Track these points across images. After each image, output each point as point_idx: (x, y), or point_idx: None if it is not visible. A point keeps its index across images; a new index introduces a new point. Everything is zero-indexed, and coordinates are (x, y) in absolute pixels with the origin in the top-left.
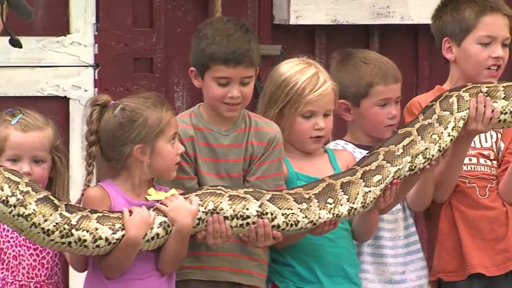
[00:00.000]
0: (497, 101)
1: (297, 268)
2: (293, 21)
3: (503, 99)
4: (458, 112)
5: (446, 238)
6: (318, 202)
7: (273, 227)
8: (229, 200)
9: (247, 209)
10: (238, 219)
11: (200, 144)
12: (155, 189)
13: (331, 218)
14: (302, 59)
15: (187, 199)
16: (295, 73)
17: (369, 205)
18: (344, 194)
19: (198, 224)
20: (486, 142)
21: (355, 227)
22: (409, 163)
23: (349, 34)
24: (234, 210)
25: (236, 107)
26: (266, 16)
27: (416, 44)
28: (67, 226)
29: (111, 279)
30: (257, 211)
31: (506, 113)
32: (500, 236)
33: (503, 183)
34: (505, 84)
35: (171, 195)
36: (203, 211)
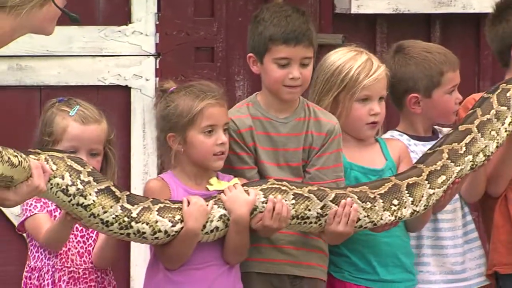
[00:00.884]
0: None
1: (353, 258)
2: (354, 10)
3: None
4: None
5: (501, 231)
6: (383, 202)
7: None
8: (293, 198)
9: (309, 210)
10: (298, 219)
11: (258, 133)
12: (217, 178)
13: (393, 220)
14: (351, 47)
15: (246, 190)
16: (348, 60)
17: (430, 207)
18: (409, 196)
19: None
20: None
21: (408, 219)
22: (470, 162)
23: (410, 23)
24: (296, 210)
25: (296, 89)
26: (327, 5)
27: (478, 33)
28: (127, 218)
29: (171, 270)
30: (318, 213)
31: None
32: None
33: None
34: None
35: (233, 184)
36: (262, 201)
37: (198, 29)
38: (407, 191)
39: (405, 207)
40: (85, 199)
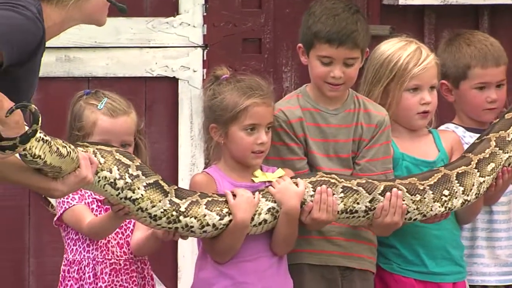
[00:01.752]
0: None
1: (402, 250)
2: (402, 2)
3: None
4: None
5: None
6: (433, 193)
7: None
8: (342, 192)
9: (358, 203)
10: (347, 213)
11: (308, 124)
12: (262, 170)
13: (443, 211)
14: (401, 37)
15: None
16: (397, 50)
17: (481, 195)
18: (460, 185)
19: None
20: None
21: (459, 211)
22: None
23: (458, 14)
24: (345, 204)
25: (338, 87)
26: None
27: None
28: (175, 212)
29: (220, 264)
30: (366, 207)
31: None
32: None
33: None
34: None
35: (279, 176)
36: (311, 195)
37: (245, 21)
38: (457, 181)
39: (456, 197)
40: (133, 193)
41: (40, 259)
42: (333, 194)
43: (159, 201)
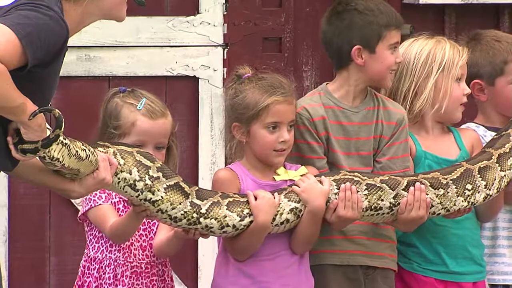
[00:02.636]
0: None
1: (422, 249)
2: (422, 1)
3: None
4: None
5: None
6: (456, 188)
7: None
8: (366, 189)
9: (382, 200)
10: (371, 210)
11: (331, 122)
12: (285, 168)
13: (465, 206)
14: (423, 36)
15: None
16: (436, 44)
17: (502, 189)
18: (482, 180)
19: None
20: None
21: (480, 208)
22: None
23: (478, 13)
24: (369, 201)
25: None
26: None
27: None
28: (195, 214)
29: (241, 262)
30: (390, 203)
31: None
32: None
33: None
34: None
35: (302, 175)
36: (335, 193)
37: (266, 20)
38: (479, 175)
39: (479, 192)
40: (153, 194)
41: (60, 257)
42: (357, 191)
43: (180, 203)
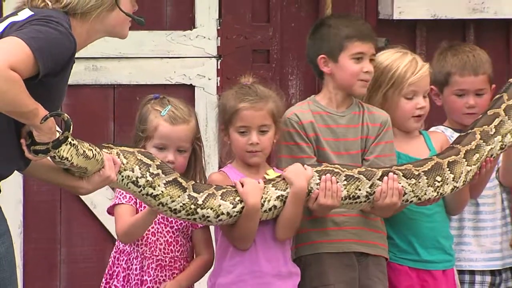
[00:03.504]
0: None
1: (397, 240)
2: (396, 16)
3: None
4: None
5: None
6: (427, 179)
7: None
8: (345, 179)
9: (359, 189)
10: (350, 199)
11: (320, 126)
12: (273, 171)
13: (435, 196)
14: (397, 49)
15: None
16: (395, 59)
17: (467, 182)
18: (450, 173)
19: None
20: None
21: (449, 202)
22: (500, 142)
23: (447, 28)
24: (348, 191)
25: (366, 84)
26: (372, 11)
27: (508, 36)
28: (193, 206)
29: (243, 250)
30: (367, 192)
31: None
32: None
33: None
34: None
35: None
36: (317, 183)
37: (255, 33)
38: (448, 169)
39: (447, 184)
40: (154, 189)
41: (70, 248)
42: (337, 182)
43: (178, 197)
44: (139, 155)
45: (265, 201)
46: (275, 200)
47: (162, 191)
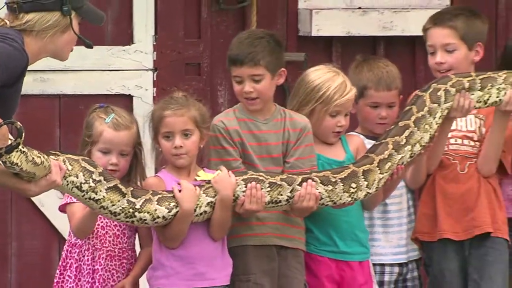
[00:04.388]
0: (473, 93)
1: (317, 233)
2: (314, 33)
3: (479, 90)
4: (444, 103)
5: (425, 205)
6: (343, 185)
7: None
8: (269, 186)
9: (281, 195)
10: (272, 203)
11: (244, 132)
12: (204, 171)
13: (349, 201)
14: (329, 67)
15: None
16: (326, 80)
17: (379, 188)
18: (364, 180)
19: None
20: (471, 126)
21: (365, 200)
22: (409, 151)
23: (360, 44)
24: (271, 196)
25: (253, 101)
26: (292, 29)
27: (413, 51)
28: (131, 210)
29: (172, 249)
30: (288, 196)
31: (480, 102)
32: (470, 207)
33: (480, 157)
34: (481, 76)
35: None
36: (243, 191)
37: (187, 49)
38: (363, 176)
39: (361, 190)
40: (96, 194)
41: (20, 242)
42: (261, 188)
43: (118, 201)
44: (83, 163)
45: (197, 207)
46: (206, 206)
47: (103, 196)
